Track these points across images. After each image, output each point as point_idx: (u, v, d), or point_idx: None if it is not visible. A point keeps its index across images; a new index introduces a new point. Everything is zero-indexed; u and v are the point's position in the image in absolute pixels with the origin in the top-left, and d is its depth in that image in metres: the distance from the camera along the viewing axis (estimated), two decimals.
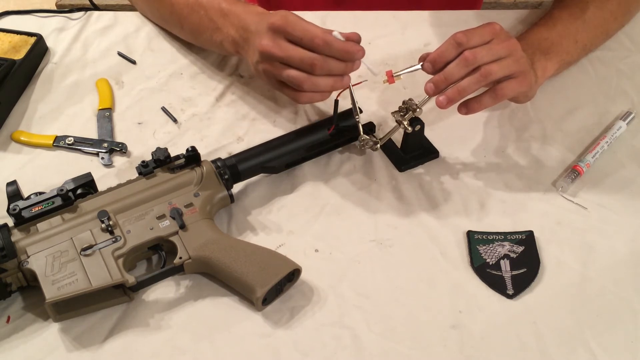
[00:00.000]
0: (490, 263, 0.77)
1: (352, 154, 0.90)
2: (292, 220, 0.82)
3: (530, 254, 0.78)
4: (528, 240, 0.79)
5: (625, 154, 0.88)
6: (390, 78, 0.82)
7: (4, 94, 0.95)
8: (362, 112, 0.86)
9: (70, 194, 0.77)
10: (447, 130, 0.91)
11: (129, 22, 1.09)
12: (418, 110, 0.83)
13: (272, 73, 0.83)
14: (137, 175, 0.81)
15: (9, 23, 1.09)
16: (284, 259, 0.75)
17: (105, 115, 0.95)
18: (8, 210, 0.75)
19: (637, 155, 0.88)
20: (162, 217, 0.77)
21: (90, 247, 0.74)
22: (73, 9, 1.10)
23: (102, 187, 0.80)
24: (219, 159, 0.83)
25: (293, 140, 0.87)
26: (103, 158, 0.89)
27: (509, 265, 0.77)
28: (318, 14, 1.08)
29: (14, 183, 0.77)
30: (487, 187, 0.85)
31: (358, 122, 0.86)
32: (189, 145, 0.81)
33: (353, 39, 0.80)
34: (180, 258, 0.75)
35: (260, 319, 0.73)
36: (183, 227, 0.76)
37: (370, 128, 0.90)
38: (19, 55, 0.99)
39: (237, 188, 0.85)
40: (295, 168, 0.88)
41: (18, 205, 0.75)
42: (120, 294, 0.74)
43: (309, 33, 0.79)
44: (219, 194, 0.80)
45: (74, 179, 0.79)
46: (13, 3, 2.03)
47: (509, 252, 0.78)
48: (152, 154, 0.81)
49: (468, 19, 1.07)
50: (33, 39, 1.02)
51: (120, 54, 1.04)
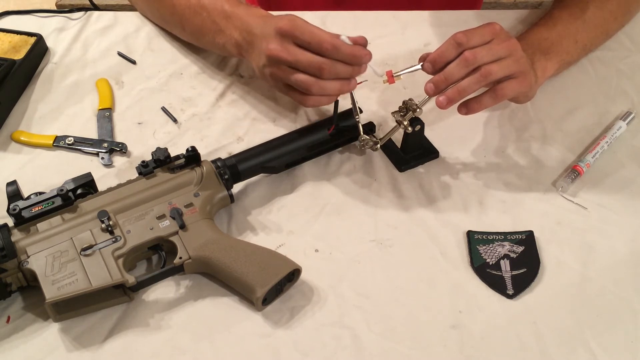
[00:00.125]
0: (490, 263, 0.77)
1: (352, 154, 0.90)
2: (292, 220, 0.82)
3: (530, 254, 0.78)
4: (528, 240, 0.79)
5: (625, 154, 0.88)
6: (390, 78, 0.82)
7: (4, 94, 0.95)
8: (362, 112, 0.86)
9: (70, 194, 0.77)
10: (447, 130, 0.91)
11: (129, 22, 1.09)
12: (418, 110, 0.83)
13: (279, 77, 0.83)
14: (137, 175, 0.81)
15: (9, 23, 1.09)
16: (284, 259, 0.75)
17: (105, 115, 0.95)
18: (8, 210, 0.75)
19: (637, 155, 0.88)
20: (162, 217, 0.77)
21: (90, 247, 0.74)
22: (73, 9, 1.10)
23: (102, 187, 0.80)
24: (219, 159, 0.83)
25: (293, 140, 0.87)
26: (103, 158, 0.89)
27: (509, 265, 0.77)
28: (318, 14, 1.08)
29: (14, 183, 0.77)
30: (487, 187, 0.85)
31: (358, 122, 0.86)
32: (189, 145, 0.81)
33: (360, 43, 0.80)
34: (180, 258, 0.75)
35: (260, 319, 0.73)
36: (183, 227, 0.76)
37: (370, 128, 0.90)
38: (19, 55, 0.99)
39: (237, 188, 0.85)
40: (295, 168, 0.88)
41: (18, 205, 0.75)
42: (120, 294, 0.74)
43: (317, 37, 0.79)
44: (219, 194, 0.80)
45: (74, 179, 0.79)
46: (13, 3, 2.03)
47: (509, 252, 0.78)
48: (152, 154, 0.81)
49: (468, 19, 1.07)
50: (33, 39, 1.02)
51: (120, 54, 1.04)
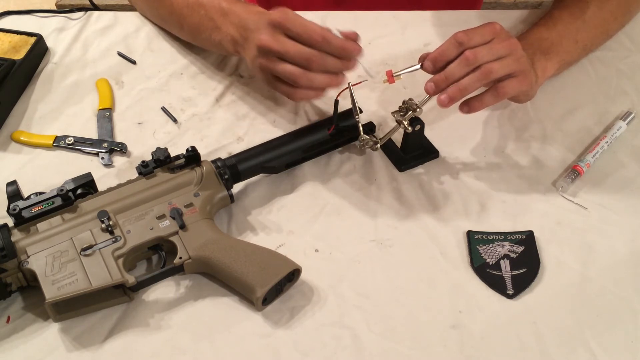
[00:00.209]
0: (490, 263, 0.77)
1: (352, 154, 0.89)
2: (292, 220, 0.82)
3: (530, 254, 0.78)
4: (528, 240, 0.79)
5: (626, 154, 0.88)
6: (390, 78, 0.82)
7: (4, 94, 0.95)
8: (362, 112, 0.86)
9: (70, 194, 0.77)
10: (447, 130, 0.91)
11: (129, 22, 1.09)
12: (418, 110, 0.83)
13: (268, 68, 0.83)
14: (137, 175, 0.81)
15: (9, 23, 1.09)
16: (284, 259, 0.75)
17: (105, 115, 0.95)
18: (8, 210, 0.75)
19: (637, 155, 0.88)
20: (162, 217, 0.77)
21: (90, 247, 0.74)
22: (73, 9, 1.10)
23: (102, 187, 0.80)
24: (219, 159, 0.83)
25: (293, 140, 0.87)
26: (103, 158, 0.89)
27: (509, 265, 0.77)
28: (318, 14, 1.07)
29: (14, 183, 0.77)
30: (487, 187, 0.85)
31: (358, 122, 0.86)
32: (189, 145, 0.81)
33: (351, 38, 0.80)
34: (180, 258, 0.75)
35: (260, 319, 0.73)
36: (183, 227, 0.76)
37: (370, 128, 0.90)
38: (19, 55, 0.99)
39: (237, 188, 0.85)
40: (295, 168, 0.88)
41: (18, 205, 0.75)
42: (120, 294, 0.74)
43: (308, 29, 0.79)
44: (219, 194, 0.80)
45: (74, 179, 0.79)
46: (13, 3, 2.03)
47: (509, 252, 0.78)
48: (152, 154, 0.81)
49: (468, 19, 1.07)
50: (33, 39, 1.02)
51: (120, 54, 1.04)
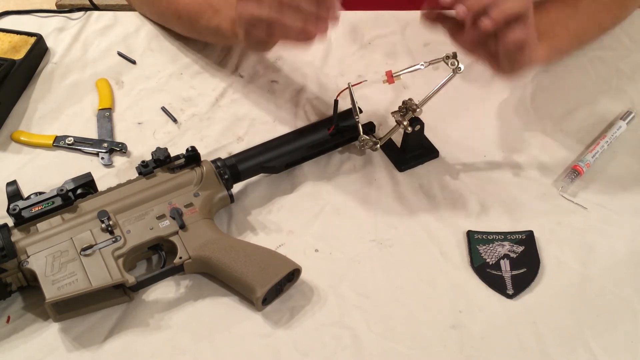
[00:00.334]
0: (490, 263, 0.77)
1: (352, 154, 0.89)
2: (292, 220, 0.82)
3: (530, 254, 0.78)
4: (528, 240, 0.79)
5: (625, 154, 0.88)
6: (390, 78, 0.81)
7: (4, 94, 0.95)
8: (362, 112, 0.86)
9: (70, 194, 0.77)
10: (447, 130, 0.91)
11: (129, 22, 1.09)
12: (418, 110, 0.83)
13: (245, 17, 0.80)
14: (137, 175, 0.81)
15: (9, 23, 1.08)
16: (284, 259, 0.75)
17: (105, 115, 0.95)
18: (8, 210, 0.75)
19: (637, 155, 0.88)
20: (162, 217, 0.77)
21: (90, 247, 0.74)
22: (73, 9, 1.10)
23: (102, 187, 0.80)
24: (219, 159, 0.83)
25: (293, 140, 0.87)
26: (103, 158, 0.89)
27: (509, 265, 0.77)
28: None
29: (14, 183, 0.77)
30: (487, 187, 0.85)
31: (358, 122, 0.86)
32: (189, 145, 0.81)
33: None
34: (180, 258, 0.75)
35: (260, 319, 0.73)
36: (183, 227, 0.76)
37: (370, 128, 0.90)
38: (19, 55, 0.99)
39: (237, 188, 0.85)
40: (295, 168, 0.88)
41: (18, 205, 0.75)
42: (120, 294, 0.74)
43: None
44: (219, 194, 0.80)
45: (74, 179, 0.79)
46: (13, 3, 2.03)
47: (509, 252, 0.78)
48: (152, 154, 0.81)
49: None
50: (33, 39, 1.02)
51: (120, 54, 1.04)
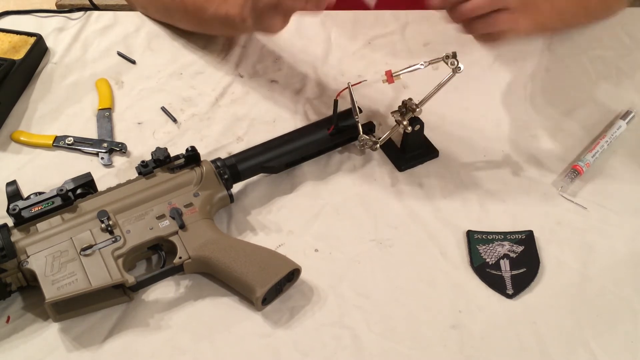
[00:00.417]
0: (490, 263, 0.77)
1: (351, 154, 0.89)
2: (291, 220, 0.82)
3: (530, 254, 0.78)
4: (528, 240, 0.79)
5: (625, 154, 0.88)
6: (390, 78, 0.81)
7: (4, 94, 0.95)
8: (361, 111, 0.86)
9: (70, 194, 0.77)
10: (447, 130, 0.91)
11: (129, 22, 1.09)
12: (418, 110, 0.83)
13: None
14: (136, 175, 0.81)
15: (9, 23, 1.09)
16: (284, 259, 0.75)
17: (105, 115, 0.95)
18: (8, 210, 0.75)
19: (637, 155, 0.88)
20: (161, 217, 0.77)
21: (90, 247, 0.74)
22: (73, 9, 1.11)
23: (102, 187, 0.80)
24: (219, 159, 0.83)
25: (293, 140, 0.87)
26: (103, 158, 0.89)
27: (509, 265, 0.77)
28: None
29: (14, 183, 0.77)
30: (487, 186, 0.85)
31: (358, 121, 0.86)
32: (189, 145, 0.81)
33: None
34: (180, 258, 0.75)
35: (260, 319, 0.73)
36: (183, 227, 0.76)
37: (370, 128, 0.89)
38: (19, 55, 0.99)
39: (236, 188, 0.85)
40: (295, 168, 0.88)
41: (18, 205, 0.75)
42: (120, 294, 0.74)
43: None
44: (219, 194, 0.80)
45: (74, 179, 0.79)
46: (13, 3, 2.03)
47: (509, 251, 0.78)
48: (151, 154, 0.81)
49: None
50: (33, 39, 1.02)
51: (120, 54, 1.04)
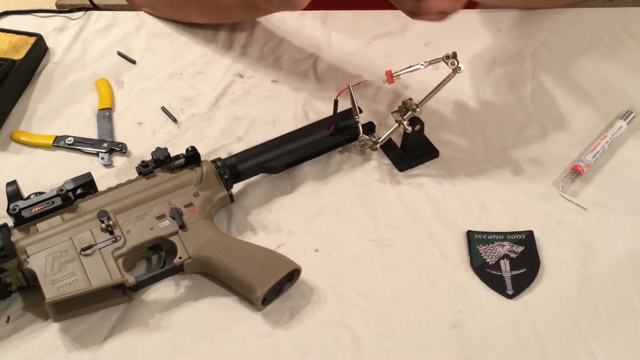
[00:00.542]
0: (490, 263, 0.77)
1: (352, 154, 0.89)
2: (291, 220, 0.82)
3: (530, 254, 0.78)
4: (528, 240, 0.79)
5: (626, 154, 0.88)
6: (390, 78, 0.81)
7: (4, 94, 0.95)
8: (361, 111, 0.86)
9: (70, 194, 0.77)
10: (447, 130, 0.91)
11: (129, 22, 1.09)
12: (418, 110, 0.83)
13: None
14: (137, 175, 0.81)
15: (9, 23, 1.09)
16: (284, 259, 0.75)
17: (105, 115, 0.95)
18: (8, 210, 0.75)
19: (637, 155, 0.88)
20: (162, 217, 0.77)
21: (90, 247, 0.74)
22: (73, 9, 1.11)
23: (102, 187, 0.80)
24: (219, 159, 0.83)
25: (293, 140, 0.87)
26: (103, 158, 0.89)
27: (509, 265, 0.77)
28: (318, 14, 1.08)
29: (14, 183, 0.77)
30: (487, 187, 0.85)
31: (358, 121, 0.86)
32: (189, 145, 0.81)
33: None
34: (180, 258, 0.75)
35: (260, 319, 0.73)
36: (183, 227, 0.76)
37: (370, 128, 0.89)
38: (19, 55, 0.99)
39: (237, 188, 0.85)
40: (295, 168, 0.88)
41: (18, 205, 0.75)
42: (120, 294, 0.74)
43: None
44: (219, 194, 0.80)
45: (74, 179, 0.79)
46: (13, 3, 2.03)
47: (509, 252, 0.78)
48: (152, 154, 0.81)
49: (468, 19, 1.07)
50: (33, 39, 1.02)
51: (120, 54, 1.04)
